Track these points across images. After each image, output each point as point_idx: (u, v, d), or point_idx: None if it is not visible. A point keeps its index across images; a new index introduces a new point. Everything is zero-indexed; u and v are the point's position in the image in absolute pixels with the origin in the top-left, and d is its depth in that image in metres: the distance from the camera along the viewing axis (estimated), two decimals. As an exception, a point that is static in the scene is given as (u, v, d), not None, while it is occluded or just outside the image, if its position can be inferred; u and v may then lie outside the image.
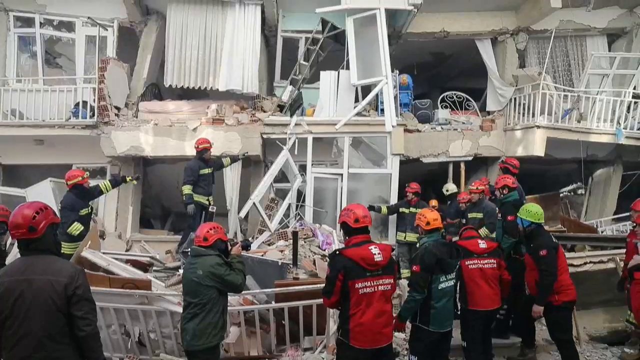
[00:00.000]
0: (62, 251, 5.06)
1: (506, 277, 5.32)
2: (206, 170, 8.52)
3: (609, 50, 11.17)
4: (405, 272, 8.90)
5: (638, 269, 3.15)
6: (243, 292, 5.63)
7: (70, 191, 7.11)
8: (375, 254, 3.82)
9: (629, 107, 10.27)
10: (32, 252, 3.04)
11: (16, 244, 3.20)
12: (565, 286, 5.29)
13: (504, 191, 6.95)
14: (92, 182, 7.89)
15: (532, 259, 5.40)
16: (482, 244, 5.26)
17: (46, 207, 3.13)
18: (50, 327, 2.93)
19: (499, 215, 6.91)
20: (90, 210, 7.38)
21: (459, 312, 5.22)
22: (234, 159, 9.22)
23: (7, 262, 4.76)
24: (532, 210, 5.49)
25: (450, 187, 9.72)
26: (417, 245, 4.87)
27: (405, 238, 9.09)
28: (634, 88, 10.41)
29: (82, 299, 3.00)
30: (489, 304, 5.14)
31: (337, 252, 3.98)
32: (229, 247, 4.46)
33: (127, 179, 8.21)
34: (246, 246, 4.76)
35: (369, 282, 3.81)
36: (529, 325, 5.77)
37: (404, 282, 8.16)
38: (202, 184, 8.43)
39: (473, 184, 8.67)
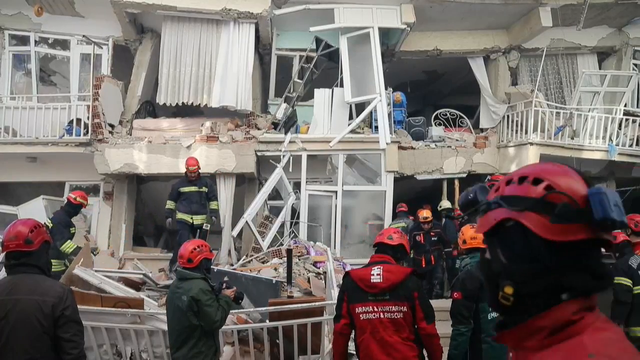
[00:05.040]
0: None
1: None
2: (191, 189, 8.56)
3: (600, 68, 11.32)
4: None
5: None
6: (237, 310, 5.60)
7: (62, 209, 7.57)
8: (373, 274, 3.45)
9: (620, 124, 10.37)
10: (21, 270, 2.93)
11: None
12: None
13: None
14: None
15: None
16: None
17: (39, 224, 3.06)
18: (35, 349, 2.81)
19: None
20: (74, 230, 7.55)
21: None
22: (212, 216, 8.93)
23: None
24: None
25: (444, 204, 9.77)
26: (459, 267, 4.32)
27: None
28: (625, 105, 10.53)
29: (69, 321, 2.87)
30: None
31: (347, 272, 3.70)
32: (223, 287, 4.22)
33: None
34: (239, 298, 4.43)
35: (371, 307, 3.41)
36: None
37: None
38: (184, 202, 8.54)
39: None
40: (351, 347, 3.88)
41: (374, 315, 3.41)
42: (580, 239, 1.01)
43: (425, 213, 8.93)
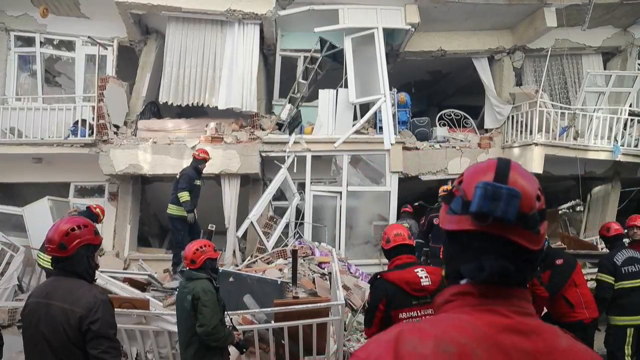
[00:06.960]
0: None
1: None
2: (198, 182, 8.25)
3: (604, 68, 11.28)
4: None
5: None
6: (242, 311, 5.61)
7: (82, 213, 7.50)
8: (421, 277, 3.29)
9: (625, 124, 10.34)
10: (61, 273, 2.74)
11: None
12: (590, 302, 5.11)
13: None
14: (89, 201, 8.10)
15: (549, 271, 5.11)
16: None
17: (87, 224, 2.80)
18: (67, 359, 2.60)
19: None
20: None
21: None
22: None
23: None
24: None
25: (447, 188, 9.61)
26: None
27: None
28: (630, 105, 10.50)
29: (98, 336, 2.58)
30: None
31: (378, 276, 3.44)
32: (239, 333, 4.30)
33: None
34: (243, 347, 4.46)
35: (415, 312, 3.25)
36: None
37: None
38: (191, 196, 8.03)
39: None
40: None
41: (417, 320, 3.19)
42: (465, 229, 1.07)
43: (447, 187, 8.38)
